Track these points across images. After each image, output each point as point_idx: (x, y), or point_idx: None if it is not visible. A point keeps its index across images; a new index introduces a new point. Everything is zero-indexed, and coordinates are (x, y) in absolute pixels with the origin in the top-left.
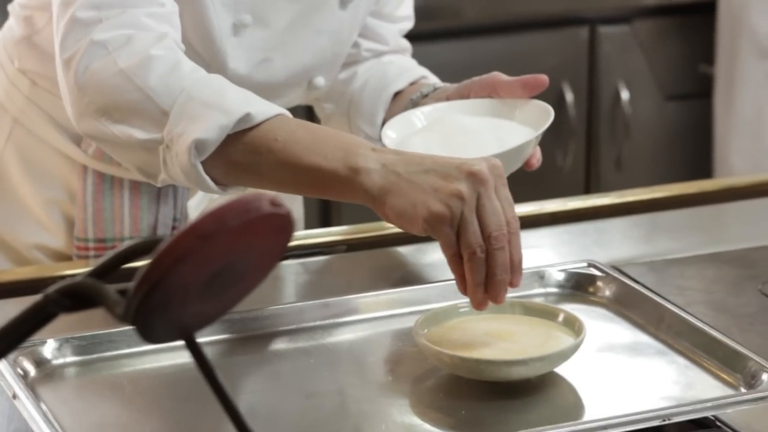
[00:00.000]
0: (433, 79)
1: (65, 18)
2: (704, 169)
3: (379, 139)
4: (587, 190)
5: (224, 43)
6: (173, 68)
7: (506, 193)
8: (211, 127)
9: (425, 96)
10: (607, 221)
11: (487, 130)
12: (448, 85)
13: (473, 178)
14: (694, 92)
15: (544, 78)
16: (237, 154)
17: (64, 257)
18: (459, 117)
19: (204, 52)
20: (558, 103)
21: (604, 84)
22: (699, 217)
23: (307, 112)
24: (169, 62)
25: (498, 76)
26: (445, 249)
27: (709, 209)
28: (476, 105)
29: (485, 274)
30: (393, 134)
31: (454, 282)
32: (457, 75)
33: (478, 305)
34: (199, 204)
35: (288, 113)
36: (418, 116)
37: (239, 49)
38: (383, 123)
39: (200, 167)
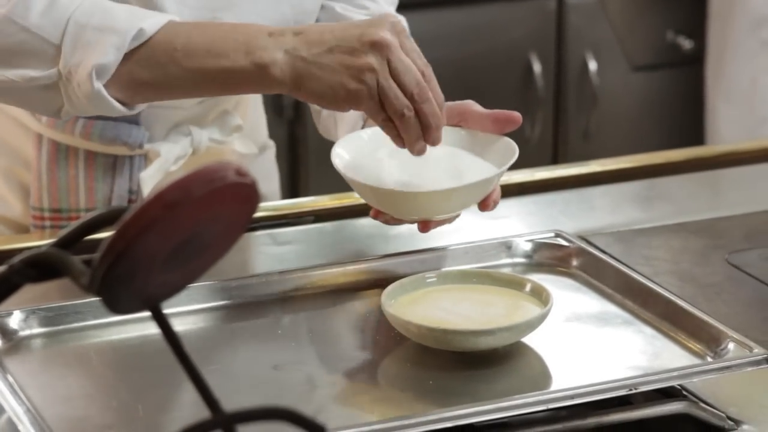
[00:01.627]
0: None
1: None
2: (671, 139)
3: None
4: (555, 160)
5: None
6: (52, 2)
7: (411, 44)
8: (107, 50)
9: None
10: (574, 191)
11: (448, 159)
12: None
13: (378, 46)
14: (661, 62)
15: (517, 115)
16: (139, 71)
17: (20, 227)
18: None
19: (140, 5)
20: (525, 73)
21: (571, 54)
22: (666, 187)
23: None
24: None
25: (470, 105)
26: (375, 117)
27: (676, 179)
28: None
29: (419, 127)
30: (345, 155)
31: (421, 252)
32: (423, 46)
33: (419, 153)
34: (153, 175)
35: (176, 18)
36: (369, 135)
37: (182, 5)
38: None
39: (104, 92)
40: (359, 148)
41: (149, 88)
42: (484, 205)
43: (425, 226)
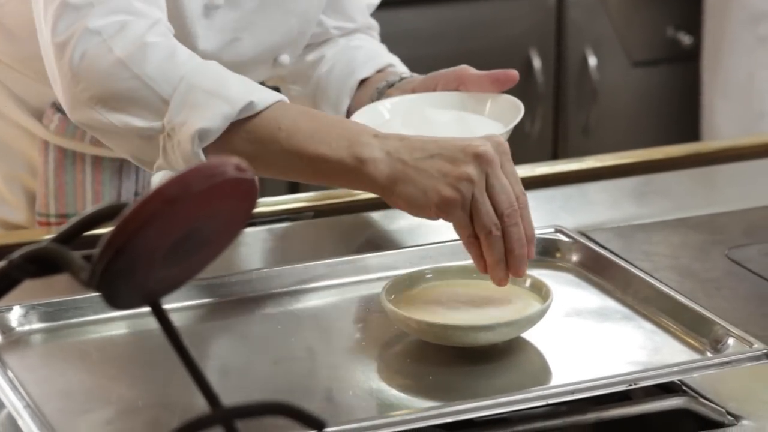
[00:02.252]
0: (401, 68)
1: (56, 1)
2: (671, 135)
3: None
4: (555, 155)
5: (195, 24)
6: (170, 55)
7: (512, 168)
8: (214, 116)
9: (391, 85)
10: (574, 187)
11: (456, 123)
12: (415, 75)
13: (479, 159)
14: (661, 58)
15: (514, 73)
16: (240, 143)
17: None
18: (428, 109)
19: (175, 33)
20: (525, 69)
21: (571, 50)
22: (666, 182)
23: None
24: (165, 49)
25: (466, 69)
26: (461, 232)
27: (676, 175)
28: (444, 98)
29: (503, 251)
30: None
31: (421, 248)
32: (423, 42)
33: (500, 281)
34: (164, 178)
35: (287, 99)
36: (385, 107)
37: (210, 29)
38: (348, 110)
39: (202, 156)
40: (374, 119)
41: (245, 160)
42: None
43: None
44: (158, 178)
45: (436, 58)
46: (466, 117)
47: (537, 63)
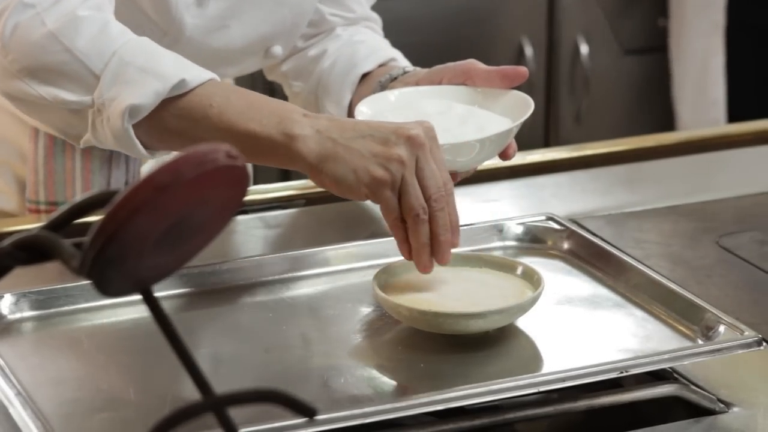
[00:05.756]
0: (404, 62)
1: None
2: (663, 123)
3: None
4: (546, 143)
5: (181, 12)
6: (102, 29)
7: (440, 154)
8: (146, 93)
9: (394, 79)
10: (565, 175)
11: (467, 117)
12: (418, 69)
13: (411, 141)
14: (653, 46)
15: (524, 69)
16: (171, 119)
17: None
18: (440, 101)
19: (159, 19)
20: (517, 57)
21: (563, 38)
22: (657, 170)
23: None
24: (97, 23)
25: (474, 64)
26: (388, 213)
27: (667, 162)
28: (452, 92)
29: (428, 235)
30: (367, 110)
31: None
32: (415, 30)
33: (424, 268)
34: (152, 168)
35: (218, 78)
36: (395, 94)
37: (198, 17)
38: (350, 105)
39: (131, 132)
40: (383, 108)
41: (175, 137)
42: (506, 155)
43: (452, 177)
44: (148, 167)
45: (428, 46)
46: (476, 111)
47: (529, 51)
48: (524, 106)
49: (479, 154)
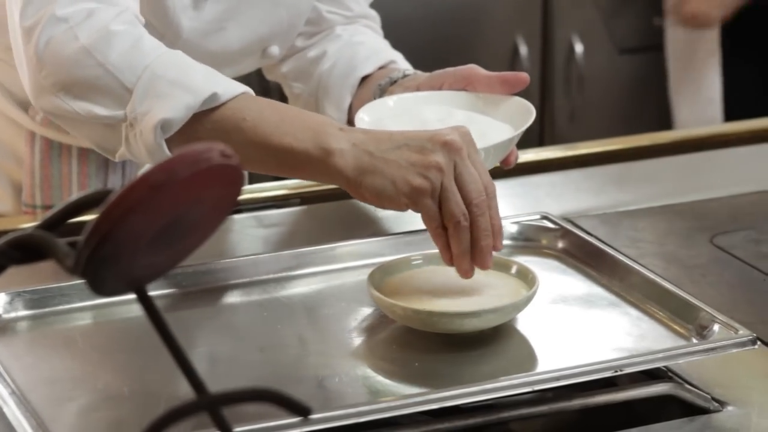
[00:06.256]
0: (404, 65)
1: None
2: (657, 122)
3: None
4: (541, 142)
5: (178, 15)
6: (135, 44)
7: (478, 157)
8: (177, 107)
9: (394, 82)
10: (560, 174)
11: (468, 124)
12: (418, 72)
13: (447, 147)
14: (647, 45)
15: (525, 76)
16: (203, 133)
17: None
18: (439, 107)
19: (156, 22)
20: (512, 55)
21: (558, 37)
22: (651, 169)
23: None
24: (130, 38)
25: (475, 69)
26: (429, 222)
27: (662, 161)
28: (452, 97)
29: (470, 241)
30: (366, 117)
31: (407, 234)
32: (409, 28)
33: (465, 273)
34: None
35: (251, 91)
36: (394, 100)
37: (195, 20)
38: (350, 107)
39: (165, 146)
40: (383, 114)
41: None
42: (507, 162)
43: None
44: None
45: (423, 44)
46: (477, 118)
47: (523, 50)
48: (526, 113)
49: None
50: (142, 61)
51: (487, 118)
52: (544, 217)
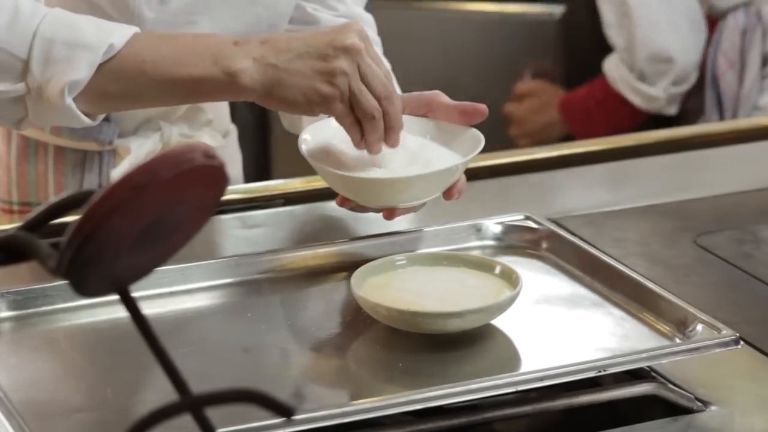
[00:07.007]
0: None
1: None
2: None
3: None
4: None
5: (140, 6)
6: (15, 13)
7: (375, 51)
8: (79, 67)
9: None
10: (544, 174)
11: (416, 149)
12: None
13: (349, 51)
14: None
15: (483, 107)
16: (108, 84)
17: None
18: None
19: (116, 14)
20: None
21: None
22: (636, 169)
23: None
24: (7, 9)
25: (437, 96)
26: (343, 121)
27: (646, 161)
28: (409, 122)
29: (383, 128)
30: (312, 140)
31: (390, 235)
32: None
33: (378, 151)
34: (125, 170)
35: (138, 29)
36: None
37: (161, 13)
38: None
39: (74, 106)
40: (327, 135)
41: (117, 99)
42: (449, 194)
43: (390, 213)
44: (120, 170)
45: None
46: (427, 144)
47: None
48: (475, 144)
49: (417, 190)
50: (28, 28)
51: (438, 146)
52: (528, 218)
